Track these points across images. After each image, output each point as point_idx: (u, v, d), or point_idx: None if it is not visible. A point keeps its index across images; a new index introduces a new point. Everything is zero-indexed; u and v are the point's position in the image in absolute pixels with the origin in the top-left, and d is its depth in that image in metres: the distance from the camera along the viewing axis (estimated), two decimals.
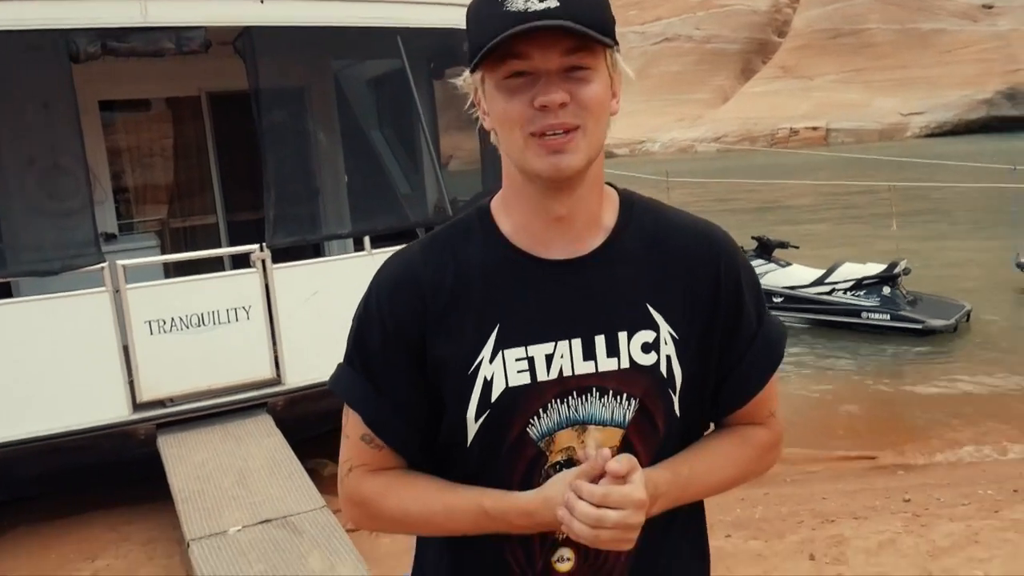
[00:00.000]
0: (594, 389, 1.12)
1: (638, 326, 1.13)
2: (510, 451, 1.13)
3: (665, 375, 1.14)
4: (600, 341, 1.12)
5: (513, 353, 1.12)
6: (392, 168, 7.15)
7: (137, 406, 4.70)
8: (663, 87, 73.92)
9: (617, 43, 1.10)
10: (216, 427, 4.79)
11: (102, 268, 4.57)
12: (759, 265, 8.99)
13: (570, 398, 1.12)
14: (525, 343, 1.12)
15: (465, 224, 1.20)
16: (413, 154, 7.06)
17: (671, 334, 1.14)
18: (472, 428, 1.13)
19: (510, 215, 1.17)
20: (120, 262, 4.62)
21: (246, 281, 4.86)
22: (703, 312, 1.16)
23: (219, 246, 7.20)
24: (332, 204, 6.98)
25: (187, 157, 7.55)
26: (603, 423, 1.13)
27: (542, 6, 1.03)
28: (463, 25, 5.01)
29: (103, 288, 4.57)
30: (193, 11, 4.93)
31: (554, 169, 1.07)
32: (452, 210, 5.76)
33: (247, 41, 5.08)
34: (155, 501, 4.57)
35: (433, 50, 6.51)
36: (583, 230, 1.15)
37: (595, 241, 1.16)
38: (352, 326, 1.20)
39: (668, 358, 1.14)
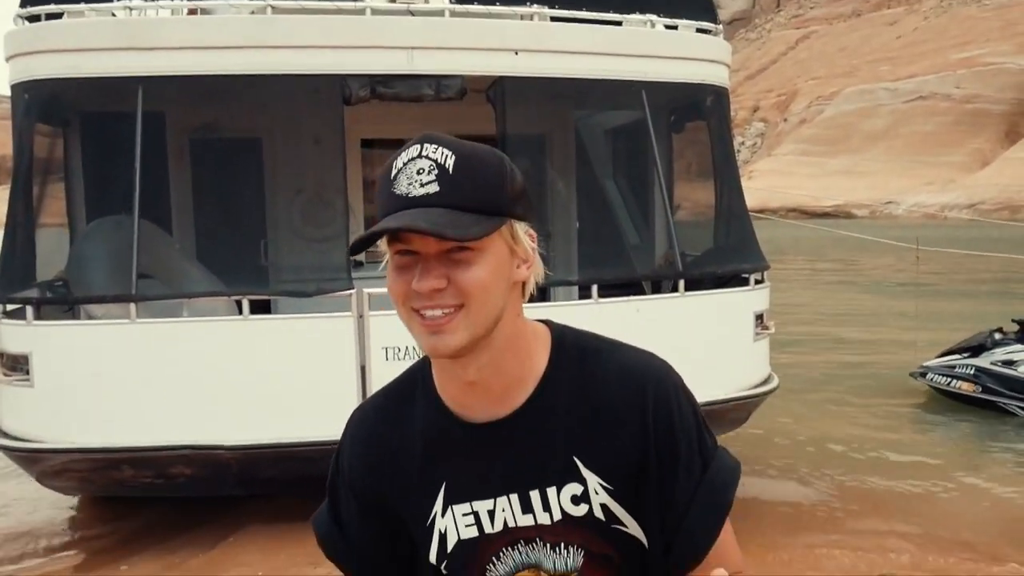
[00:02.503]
0: (537, 539, 1.17)
1: (565, 480, 1.16)
2: None
3: (604, 517, 1.16)
4: (535, 496, 1.16)
5: (460, 509, 1.19)
6: (623, 218, 7.18)
7: None
8: (912, 148, 69.37)
9: (514, 216, 1.11)
10: None
11: (350, 295, 4.92)
12: (1019, 351, 8.08)
13: (519, 545, 1.18)
14: (469, 499, 1.18)
15: (411, 383, 1.25)
16: (645, 206, 7.05)
17: (602, 485, 1.15)
18: (440, 570, 1.21)
19: (438, 378, 1.21)
20: (367, 290, 4.95)
21: None
22: (636, 464, 1.15)
23: None
24: (562, 249, 7.11)
25: None
26: (555, 570, 1.18)
27: (421, 191, 1.06)
28: (708, 80, 5.01)
29: (349, 313, 4.91)
30: (453, 61, 5.25)
31: (432, 349, 1.09)
32: (681, 265, 5.68)
33: (499, 90, 5.32)
34: None
35: (675, 103, 6.51)
36: (502, 392, 1.16)
37: (519, 399, 1.17)
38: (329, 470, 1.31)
39: (604, 506, 1.16)
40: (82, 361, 4.79)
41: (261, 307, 5.40)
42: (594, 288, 5.32)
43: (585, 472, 1.15)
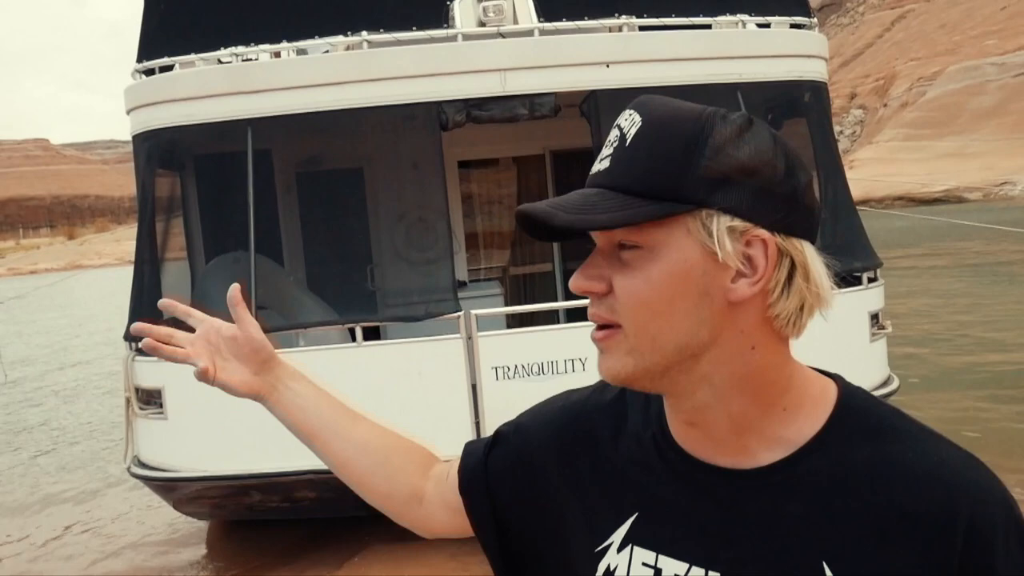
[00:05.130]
0: None
1: None
2: None
3: None
4: None
5: (642, 555, 0.89)
6: None
7: None
8: None
9: (709, 205, 0.78)
10: None
11: (459, 316, 5.01)
12: None
13: None
14: (657, 549, 0.88)
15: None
16: None
17: None
18: None
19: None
20: (474, 312, 5.03)
21: (583, 335, 5.04)
22: None
23: (555, 292, 7.60)
24: None
25: None
26: None
27: (596, 168, 0.84)
28: (805, 76, 4.92)
29: (458, 335, 5.00)
30: (546, 79, 5.30)
31: (600, 369, 0.85)
32: None
33: (592, 103, 5.33)
34: None
35: (773, 102, 6.38)
36: (734, 441, 0.86)
37: (769, 456, 0.85)
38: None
39: None
40: (210, 393, 5.00)
41: (371, 330, 5.55)
42: None
43: None
